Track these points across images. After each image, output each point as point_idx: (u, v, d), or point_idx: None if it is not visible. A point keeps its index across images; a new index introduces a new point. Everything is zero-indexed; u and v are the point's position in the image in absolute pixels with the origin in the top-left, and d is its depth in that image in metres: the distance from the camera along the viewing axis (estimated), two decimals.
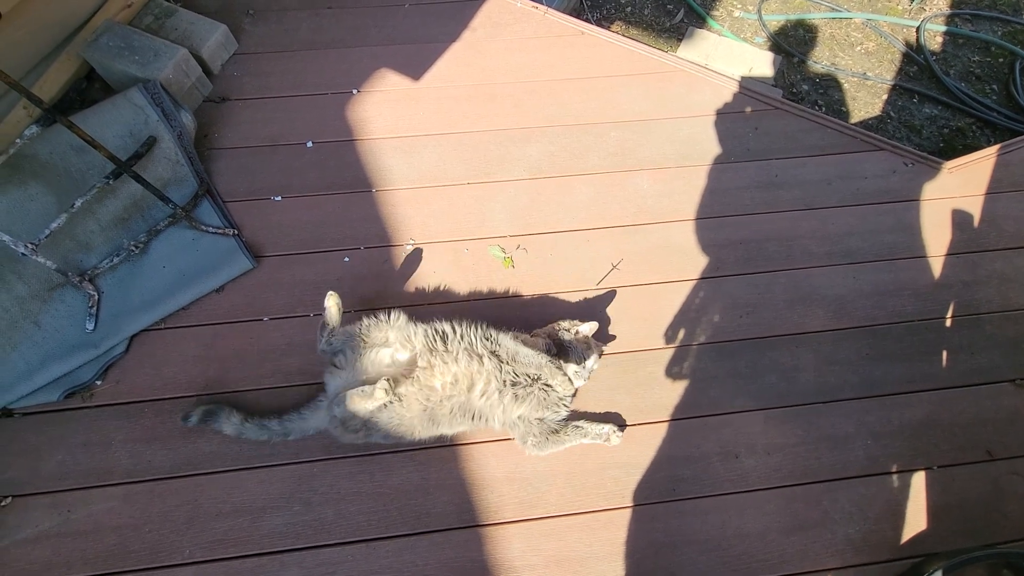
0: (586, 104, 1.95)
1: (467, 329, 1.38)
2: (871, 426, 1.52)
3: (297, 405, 1.40)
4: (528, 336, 1.45)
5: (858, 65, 3.36)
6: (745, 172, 1.85)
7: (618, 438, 1.43)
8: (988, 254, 1.76)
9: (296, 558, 1.32)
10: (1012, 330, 1.65)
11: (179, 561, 1.30)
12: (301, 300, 1.59)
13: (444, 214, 1.73)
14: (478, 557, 1.33)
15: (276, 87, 1.91)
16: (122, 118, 1.57)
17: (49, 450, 1.39)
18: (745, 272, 1.70)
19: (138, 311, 1.50)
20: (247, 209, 1.70)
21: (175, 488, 1.37)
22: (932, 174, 1.88)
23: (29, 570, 1.28)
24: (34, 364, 1.41)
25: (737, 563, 1.36)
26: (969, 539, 1.41)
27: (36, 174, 1.49)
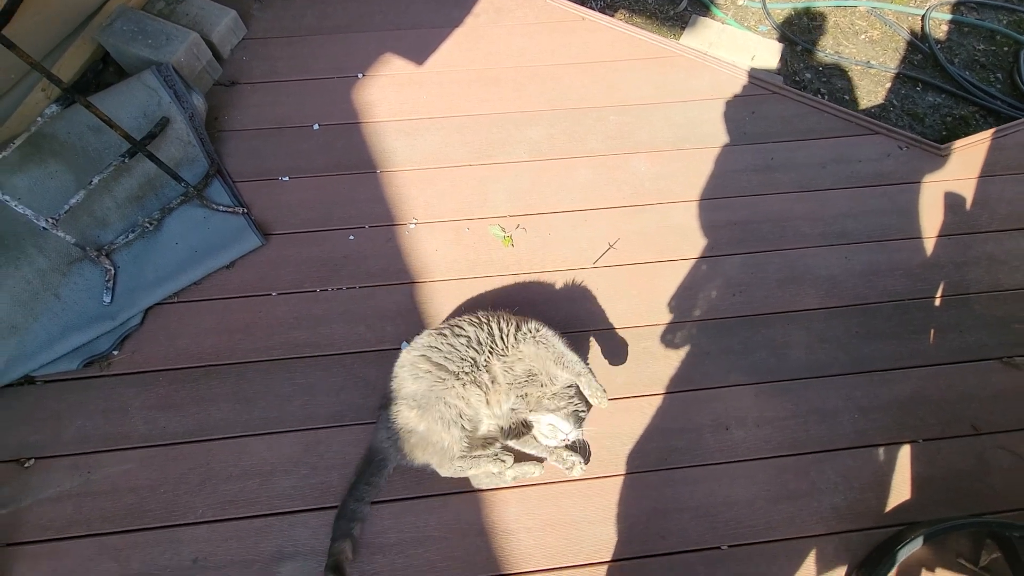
0: (586, 88, 1.99)
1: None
2: (859, 401, 1.56)
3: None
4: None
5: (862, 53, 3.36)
6: (742, 155, 1.89)
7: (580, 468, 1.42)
8: (979, 236, 1.79)
9: (302, 519, 1.38)
10: (1000, 310, 1.68)
11: (193, 520, 1.37)
12: (308, 276, 1.65)
13: (446, 194, 1.78)
14: (475, 519, 1.39)
15: (284, 71, 1.96)
16: (136, 100, 1.63)
17: (70, 416, 1.46)
18: (739, 252, 1.74)
19: (152, 285, 1.57)
20: (256, 189, 1.75)
21: (188, 452, 1.44)
22: (927, 157, 1.91)
23: (52, 526, 1.35)
24: (54, 334, 1.48)
25: (725, 529, 1.41)
26: (952, 510, 1.45)
27: (55, 153, 1.55)
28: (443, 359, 1.33)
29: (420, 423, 1.31)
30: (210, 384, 1.51)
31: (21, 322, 1.46)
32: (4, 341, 1.43)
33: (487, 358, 1.35)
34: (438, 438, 1.30)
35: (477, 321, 1.39)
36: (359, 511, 1.34)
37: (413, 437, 1.32)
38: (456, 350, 1.34)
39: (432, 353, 1.35)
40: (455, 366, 1.32)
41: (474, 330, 1.36)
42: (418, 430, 1.31)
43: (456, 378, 1.31)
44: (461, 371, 1.32)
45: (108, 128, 1.49)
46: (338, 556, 1.27)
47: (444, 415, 1.30)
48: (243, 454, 1.44)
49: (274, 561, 1.33)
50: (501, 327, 1.38)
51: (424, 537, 1.37)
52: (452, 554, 1.36)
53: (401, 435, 1.34)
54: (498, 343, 1.36)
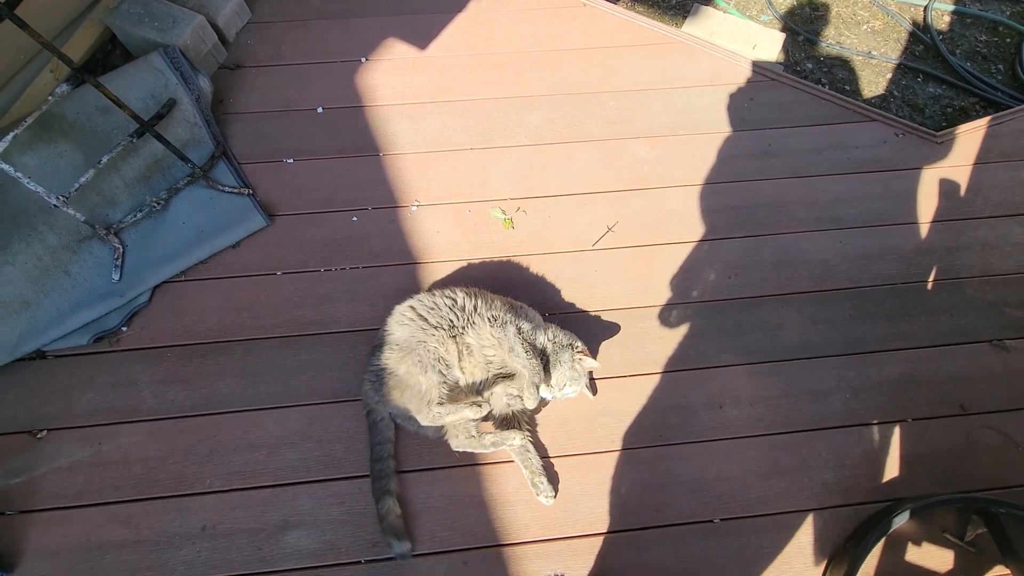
0: (586, 73, 2.01)
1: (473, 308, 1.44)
2: (851, 381, 1.60)
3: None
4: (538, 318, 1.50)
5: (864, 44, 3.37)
6: (739, 141, 1.92)
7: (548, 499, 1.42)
8: (972, 222, 1.82)
9: (308, 489, 1.42)
10: (992, 294, 1.71)
11: (201, 490, 1.41)
12: (312, 256, 1.69)
13: (448, 177, 1.81)
14: (476, 492, 1.44)
15: (288, 55, 1.98)
16: (143, 81, 1.65)
17: (80, 389, 1.50)
18: (735, 236, 1.77)
19: (160, 264, 1.60)
20: (261, 171, 1.78)
21: (196, 425, 1.48)
22: (923, 145, 1.93)
23: (63, 495, 1.39)
24: (65, 310, 1.51)
25: (717, 503, 1.45)
26: (940, 487, 1.49)
27: (64, 132, 1.58)
28: (427, 312, 1.42)
29: (400, 365, 1.38)
30: (217, 360, 1.55)
31: (33, 297, 1.49)
32: (16, 316, 1.47)
33: (464, 327, 1.41)
34: (416, 381, 1.36)
35: (466, 292, 1.46)
36: (384, 469, 1.39)
37: (392, 379, 1.38)
38: (439, 309, 1.43)
39: (419, 306, 1.44)
40: (436, 320, 1.41)
41: (462, 297, 1.44)
42: (398, 372, 1.38)
43: (436, 330, 1.39)
44: (440, 327, 1.40)
45: (116, 109, 1.52)
46: (387, 517, 1.34)
47: (423, 358, 1.37)
48: (249, 427, 1.48)
49: (280, 530, 1.38)
50: (484, 305, 1.44)
51: (425, 508, 1.41)
52: (453, 524, 1.40)
53: (382, 377, 1.40)
54: (476, 319, 1.42)
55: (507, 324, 1.41)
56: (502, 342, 1.40)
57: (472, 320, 1.41)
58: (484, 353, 1.41)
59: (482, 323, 1.41)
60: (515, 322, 1.41)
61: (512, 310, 1.45)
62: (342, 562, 1.36)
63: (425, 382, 1.37)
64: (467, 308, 1.42)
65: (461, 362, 1.40)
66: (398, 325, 1.42)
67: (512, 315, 1.43)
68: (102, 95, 1.53)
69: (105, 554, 1.34)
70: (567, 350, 1.44)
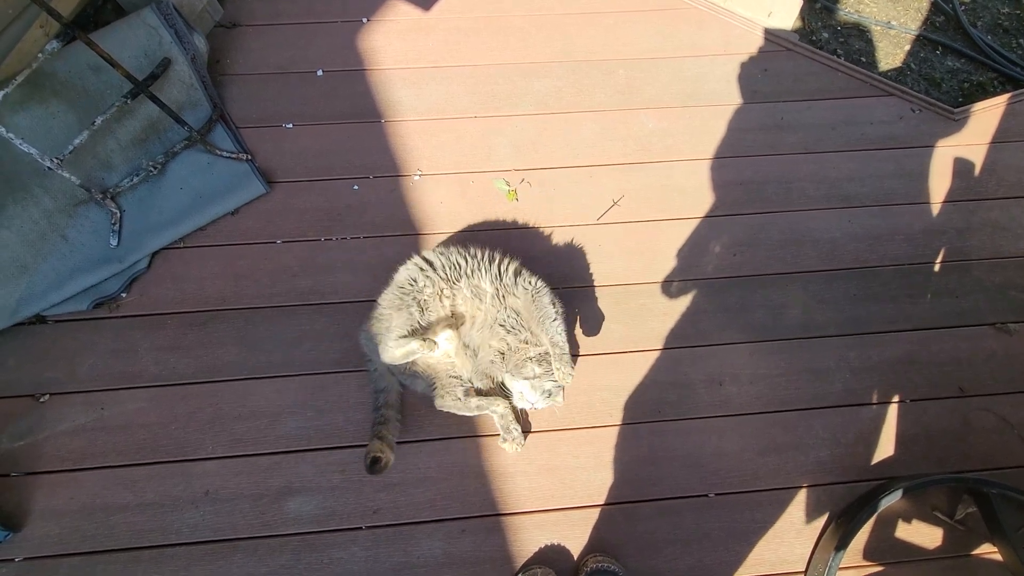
0: (595, 40, 1.94)
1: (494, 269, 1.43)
2: (851, 361, 1.60)
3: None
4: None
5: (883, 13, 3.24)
6: (751, 114, 1.87)
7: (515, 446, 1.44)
8: (985, 203, 1.79)
9: (309, 457, 1.44)
10: (999, 277, 1.70)
11: (204, 456, 1.43)
12: (312, 225, 1.66)
13: (451, 146, 1.77)
14: (476, 462, 1.45)
15: (287, 13, 1.91)
16: (136, 39, 1.59)
17: (82, 354, 1.50)
18: (742, 212, 1.74)
19: (158, 229, 1.58)
20: (260, 135, 1.74)
21: (198, 392, 1.48)
22: (939, 121, 1.88)
23: (68, 458, 1.41)
24: (63, 275, 1.50)
25: (713, 478, 1.47)
26: (935, 467, 1.51)
27: (56, 92, 1.53)
28: (435, 256, 1.42)
29: (384, 299, 1.41)
30: (217, 328, 1.54)
31: (30, 262, 1.48)
32: (15, 280, 1.46)
33: (476, 271, 1.40)
34: (388, 315, 1.38)
35: (481, 248, 1.45)
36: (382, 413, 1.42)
37: (376, 309, 1.41)
38: (448, 255, 1.42)
39: (430, 253, 1.44)
40: (439, 263, 1.40)
41: (476, 249, 1.44)
42: (382, 304, 1.41)
43: (436, 271, 1.39)
44: (443, 268, 1.40)
45: (109, 68, 1.47)
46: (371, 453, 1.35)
47: (404, 297, 1.38)
48: (250, 395, 1.49)
49: (282, 495, 1.40)
50: (499, 259, 1.43)
51: (425, 478, 1.43)
52: (451, 494, 1.42)
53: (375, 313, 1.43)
54: (492, 267, 1.41)
55: (542, 289, 1.39)
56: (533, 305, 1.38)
57: (488, 267, 1.40)
58: (508, 303, 1.39)
59: (507, 274, 1.40)
60: (551, 295, 1.40)
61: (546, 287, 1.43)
62: (343, 527, 1.38)
63: (395, 319, 1.37)
64: (480, 257, 1.42)
65: (459, 305, 1.40)
66: (404, 268, 1.43)
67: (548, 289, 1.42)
68: (94, 53, 1.48)
69: (111, 515, 1.36)
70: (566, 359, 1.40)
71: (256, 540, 1.36)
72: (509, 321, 1.39)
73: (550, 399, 1.36)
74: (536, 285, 1.41)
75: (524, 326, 1.39)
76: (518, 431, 1.43)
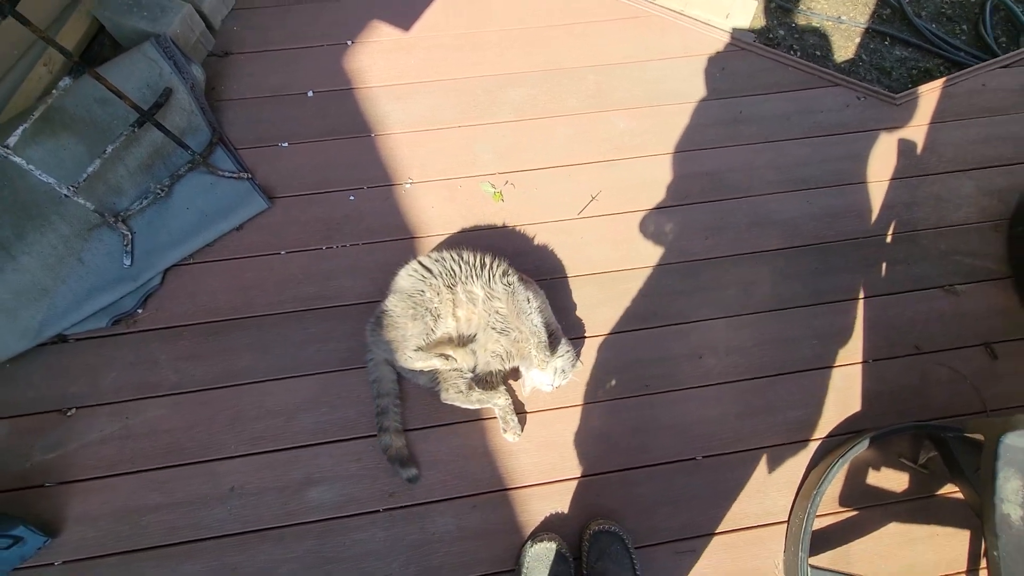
0: (566, 49, 2.09)
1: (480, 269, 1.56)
2: (817, 329, 1.75)
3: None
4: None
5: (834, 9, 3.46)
6: (712, 110, 2.03)
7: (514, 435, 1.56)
8: (928, 178, 1.96)
9: (326, 450, 1.55)
10: (944, 244, 1.87)
11: (227, 455, 1.53)
12: (313, 235, 1.77)
13: (438, 154, 1.90)
14: (480, 444, 1.57)
15: (275, 40, 2.03)
16: (138, 71, 1.70)
17: (104, 369, 1.59)
18: (709, 200, 1.89)
19: (168, 248, 1.68)
20: (257, 155, 1.86)
21: (216, 397, 1.58)
22: (882, 107, 2.06)
23: (98, 466, 1.50)
24: (81, 295, 1.60)
25: (698, 442, 1.60)
26: (898, 419, 1.65)
27: (66, 125, 1.63)
28: (432, 264, 1.55)
29: (396, 307, 1.52)
30: (231, 336, 1.65)
31: (50, 285, 1.57)
32: (37, 303, 1.55)
33: (469, 278, 1.54)
34: (403, 324, 1.49)
35: (474, 252, 1.58)
36: (382, 406, 1.54)
37: (387, 318, 1.53)
38: (444, 261, 1.55)
39: (426, 260, 1.56)
40: (438, 270, 1.53)
41: (469, 254, 1.57)
42: (394, 313, 1.52)
43: (436, 278, 1.52)
44: (440, 275, 1.53)
45: (114, 100, 1.58)
46: (389, 449, 1.50)
47: (416, 306, 1.50)
48: (266, 396, 1.59)
49: (304, 486, 1.50)
50: (490, 263, 1.56)
51: (435, 461, 1.55)
52: (460, 474, 1.54)
53: (381, 319, 1.54)
54: (483, 272, 1.54)
55: (517, 285, 1.52)
56: (510, 302, 1.51)
57: (479, 272, 1.53)
58: (493, 305, 1.52)
59: (494, 278, 1.53)
60: (525, 291, 1.53)
61: (523, 282, 1.56)
62: (363, 512, 1.49)
63: (410, 328, 1.49)
64: (473, 262, 1.55)
65: (457, 310, 1.52)
66: (405, 275, 1.56)
67: (523, 285, 1.54)
68: (100, 86, 1.59)
69: (143, 516, 1.46)
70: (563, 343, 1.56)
71: (282, 528, 1.46)
72: (498, 324, 1.53)
73: (564, 376, 1.52)
74: (512, 284, 1.54)
75: (511, 325, 1.52)
76: (515, 421, 1.56)
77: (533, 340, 1.50)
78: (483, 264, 1.56)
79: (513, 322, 1.53)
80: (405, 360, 1.49)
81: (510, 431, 1.55)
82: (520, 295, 1.53)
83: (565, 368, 1.53)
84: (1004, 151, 2.01)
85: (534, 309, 1.53)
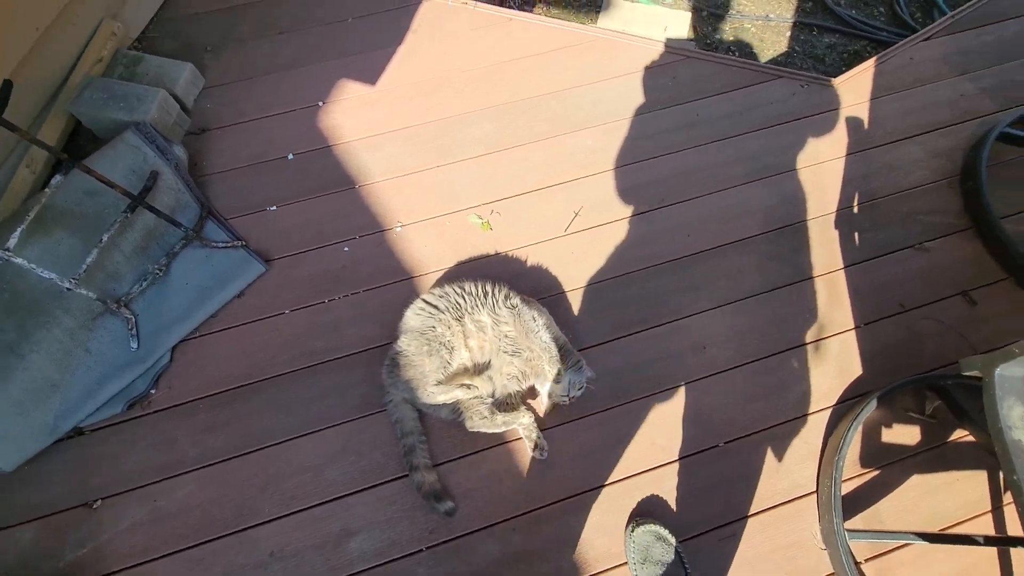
0: (524, 81, 2.21)
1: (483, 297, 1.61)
2: (806, 303, 1.84)
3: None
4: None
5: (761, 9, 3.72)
6: (670, 117, 2.15)
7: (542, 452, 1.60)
8: (878, 149, 2.11)
9: (360, 498, 1.55)
10: (904, 206, 2.00)
11: (261, 520, 1.52)
12: (314, 290, 1.81)
13: (422, 196, 1.97)
14: (509, 466, 1.59)
15: (248, 111, 2.10)
16: (123, 159, 1.75)
17: (124, 454, 1.58)
18: (684, 200, 2.00)
19: (173, 325, 1.70)
20: (248, 222, 1.90)
21: (242, 464, 1.58)
22: (825, 91, 2.22)
23: (132, 553, 1.48)
24: (92, 385, 1.60)
25: (718, 429, 1.66)
26: (897, 375, 1.72)
27: (57, 221, 1.66)
28: (436, 300, 1.60)
29: (410, 347, 1.56)
30: (246, 401, 1.66)
31: (60, 379, 1.57)
32: (49, 399, 1.55)
33: (475, 307, 1.59)
34: (420, 362, 1.53)
35: (474, 282, 1.64)
36: (409, 444, 1.55)
37: (403, 358, 1.56)
38: (448, 296, 1.60)
39: (431, 296, 1.62)
40: (444, 305, 1.59)
41: (470, 285, 1.63)
42: (408, 352, 1.56)
43: (444, 313, 1.57)
44: (447, 310, 1.58)
45: (103, 191, 1.62)
46: (423, 486, 1.52)
47: (430, 342, 1.54)
48: (292, 455, 1.60)
49: (343, 538, 1.50)
50: (492, 290, 1.62)
51: (469, 490, 1.57)
52: (494, 499, 1.56)
53: (396, 360, 1.57)
54: (487, 299, 1.60)
55: (521, 307, 1.58)
56: (517, 324, 1.56)
57: (483, 301, 1.59)
58: (502, 330, 1.57)
59: (498, 304, 1.58)
60: (529, 311, 1.58)
61: (525, 302, 1.62)
62: (406, 554, 1.49)
63: (428, 364, 1.53)
64: (475, 292, 1.60)
65: (468, 340, 1.56)
66: (413, 315, 1.61)
67: (526, 305, 1.60)
68: (88, 180, 1.64)
69: None
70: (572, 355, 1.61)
71: None
72: (509, 347, 1.58)
73: (579, 387, 1.57)
74: (516, 306, 1.60)
75: (522, 346, 1.57)
76: (542, 437, 1.60)
77: (545, 356, 1.55)
78: (485, 292, 1.62)
79: (523, 343, 1.58)
80: (427, 396, 1.52)
81: (537, 448, 1.59)
82: (525, 315, 1.59)
83: (579, 379, 1.58)
84: (941, 115, 2.18)
85: (541, 326, 1.59)
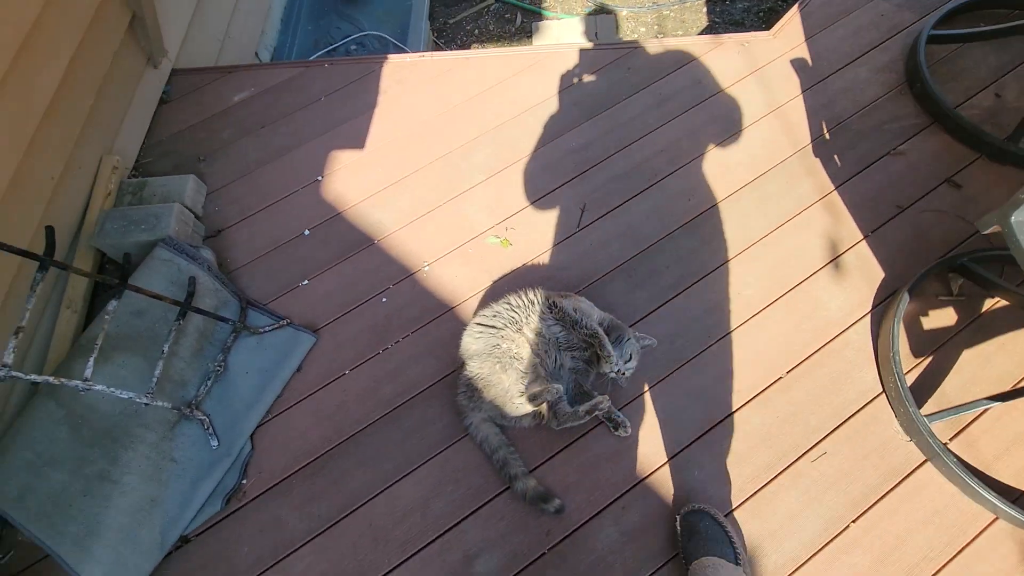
0: (498, 107, 2.37)
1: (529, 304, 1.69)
2: (814, 228, 1.97)
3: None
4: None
5: None
6: (639, 101, 2.32)
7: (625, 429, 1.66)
8: (828, 79, 2.29)
9: (469, 523, 1.59)
10: (869, 120, 2.17)
11: (383, 572, 1.55)
12: (367, 345, 1.88)
13: (439, 233, 2.08)
14: (599, 451, 1.66)
15: (254, 205, 2.21)
16: (159, 274, 1.83)
17: (235, 549, 1.60)
18: (675, 169, 2.14)
19: (245, 414, 1.75)
20: (286, 301, 1.98)
21: (349, 524, 1.62)
22: (765, 44, 2.42)
23: None
24: (187, 492, 1.63)
25: (777, 361, 1.75)
26: (917, 268, 1.83)
27: (114, 347, 1.72)
28: (490, 319, 1.68)
29: (483, 369, 1.62)
30: (336, 464, 1.70)
31: (157, 494, 1.60)
32: (151, 516, 1.57)
33: (528, 316, 1.67)
34: (498, 379, 1.59)
35: (518, 293, 1.73)
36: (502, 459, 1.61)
37: (480, 383, 1.62)
38: (500, 314, 1.68)
39: (482, 318, 1.69)
40: (500, 323, 1.66)
41: (514, 298, 1.71)
42: (483, 374, 1.62)
43: (503, 330, 1.64)
44: (506, 327, 1.65)
45: (147, 310, 1.72)
46: (527, 493, 1.57)
47: (501, 359, 1.61)
48: (394, 502, 1.64)
49: (467, 565, 1.53)
50: (534, 297, 1.71)
51: (570, 485, 1.62)
52: (596, 485, 1.61)
53: (472, 385, 1.64)
54: (534, 307, 1.68)
55: (562, 304, 1.67)
56: (564, 320, 1.65)
57: (532, 309, 1.67)
58: (553, 331, 1.65)
59: (544, 308, 1.66)
60: (571, 304, 1.68)
61: (565, 298, 1.71)
62: (529, 562, 1.53)
63: (506, 379, 1.59)
64: (522, 302, 1.68)
65: (533, 348, 1.63)
66: (472, 339, 1.67)
67: (566, 300, 1.70)
68: (132, 302, 1.72)
69: None
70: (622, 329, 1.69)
71: None
72: (564, 344, 1.67)
73: (635, 359, 1.65)
74: (558, 303, 1.69)
75: (575, 340, 1.66)
76: (622, 416, 1.67)
77: (595, 342, 1.64)
78: (530, 301, 1.71)
79: (575, 336, 1.67)
80: (515, 409, 1.59)
81: (620, 428, 1.65)
82: (568, 310, 1.68)
83: (633, 352, 1.67)
84: (872, 35, 2.39)
85: (584, 315, 1.68)
